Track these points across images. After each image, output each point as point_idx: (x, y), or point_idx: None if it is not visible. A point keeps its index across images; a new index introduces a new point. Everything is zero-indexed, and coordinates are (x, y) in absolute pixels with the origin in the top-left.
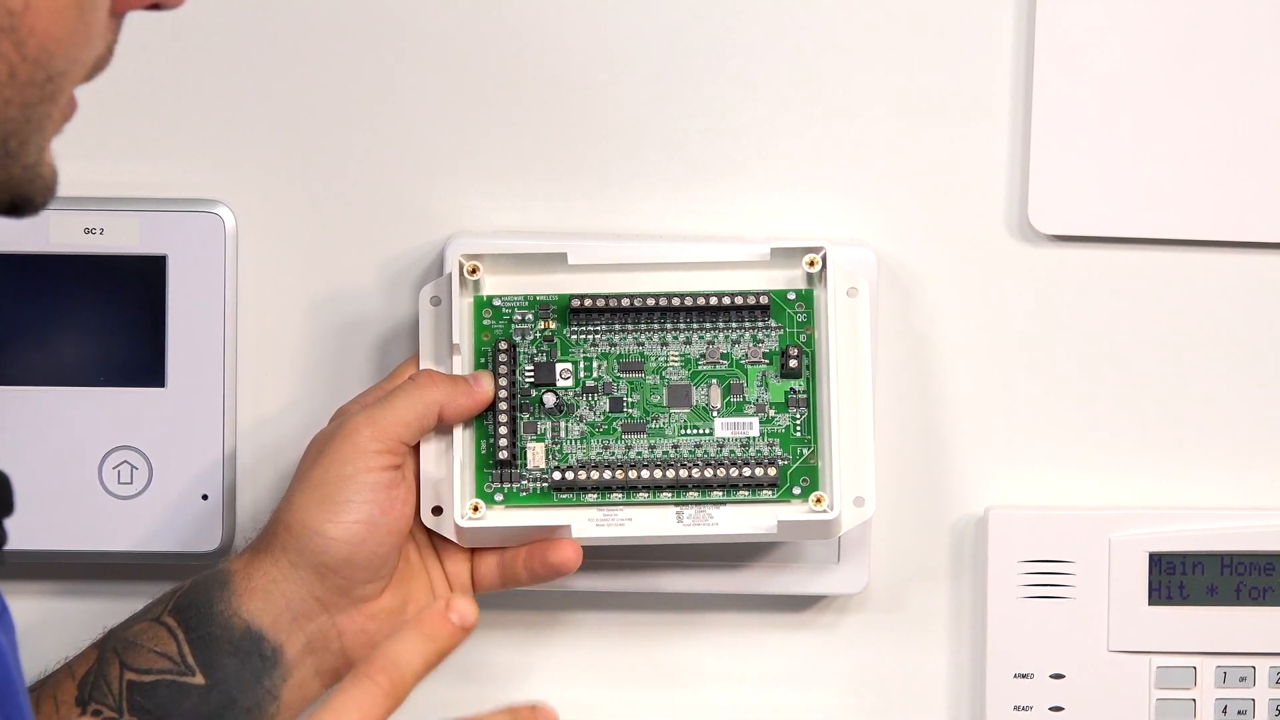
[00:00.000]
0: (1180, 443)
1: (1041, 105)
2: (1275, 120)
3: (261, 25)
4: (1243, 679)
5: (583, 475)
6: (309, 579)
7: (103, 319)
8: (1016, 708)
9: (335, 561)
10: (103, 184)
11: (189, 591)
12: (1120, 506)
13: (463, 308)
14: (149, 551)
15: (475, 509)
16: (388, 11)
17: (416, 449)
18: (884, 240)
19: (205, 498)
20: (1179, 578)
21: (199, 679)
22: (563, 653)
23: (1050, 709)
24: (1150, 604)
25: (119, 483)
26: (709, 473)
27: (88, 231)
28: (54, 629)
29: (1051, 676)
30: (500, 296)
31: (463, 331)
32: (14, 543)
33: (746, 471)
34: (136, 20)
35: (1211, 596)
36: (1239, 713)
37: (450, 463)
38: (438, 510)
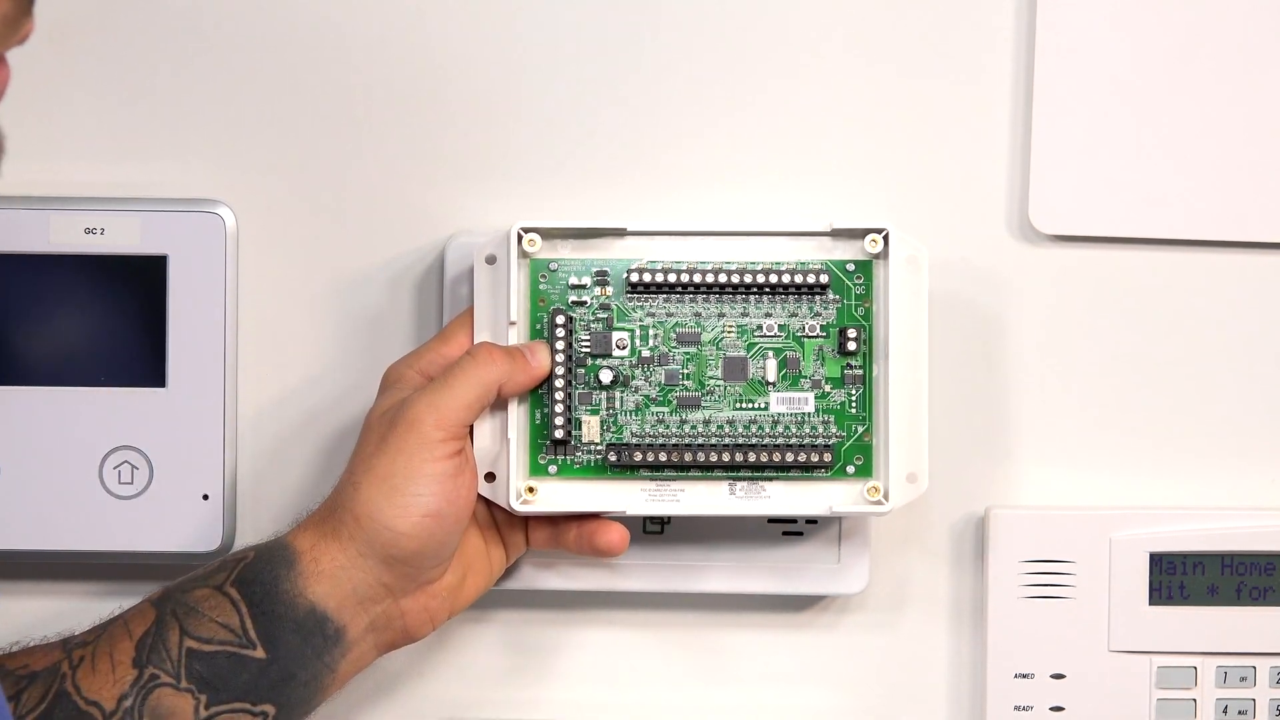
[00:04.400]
0: (1180, 443)
1: (1041, 105)
2: (1275, 120)
3: (261, 26)
4: (1243, 679)
5: (637, 456)
6: (377, 568)
7: (103, 319)
8: (1017, 708)
9: (405, 554)
10: (103, 184)
11: (253, 564)
12: (1120, 506)
13: (520, 280)
14: (149, 551)
15: (530, 490)
16: (387, 12)
17: None
18: None
19: (205, 498)
20: (1179, 578)
21: (260, 653)
22: (562, 653)
23: (1051, 709)
24: (1151, 604)
25: (119, 483)
26: (764, 456)
27: (88, 231)
28: (54, 629)
29: (1052, 676)
30: (557, 260)
31: (519, 305)
32: (14, 543)
33: (801, 457)
34: (134, 21)
35: (1212, 596)
36: (1239, 713)
37: (504, 436)
38: (491, 476)
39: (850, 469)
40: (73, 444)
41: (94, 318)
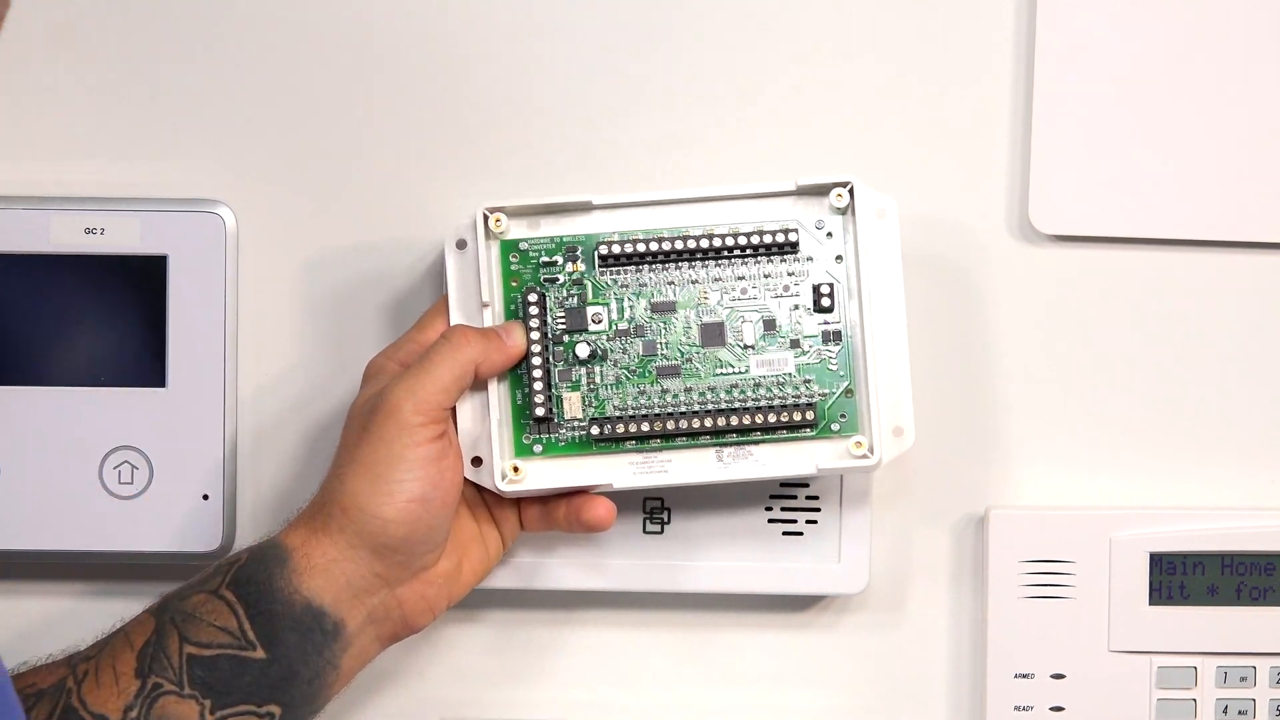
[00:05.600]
0: (1180, 443)
1: (1041, 105)
2: (1275, 120)
3: (262, 26)
4: (1243, 679)
5: (621, 429)
6: (368, 558)
7: (103, 319)
8: (1017, 708)
9: (394, 541)
10: (103, 184)
11: (246, 565)
12: (1121, 506)
13: (490, 260)
14: (149, 551)
15: (515, 470)
16: (387, 12)
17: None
18: None
19: (205, 498)
20: (1180, 578)
21: (260, 653)
22: (563, 654)
23: (1051, 709)
24: (1151, 604)
25: (119, 483)
26: (746, 419)
27: (88, 231)
28: (54, 629)
29: (1052, 676)
30: (527, 240)
31: (492, 285)
32: (14, 543)
33: (784, 417)
34: (134, 21)
35: (1212, 596)
36: (1240, 713)
37: (487, 418)
38: (477, 461)
39: (835, 426)
40: (73, 444)
41: (94, 318)
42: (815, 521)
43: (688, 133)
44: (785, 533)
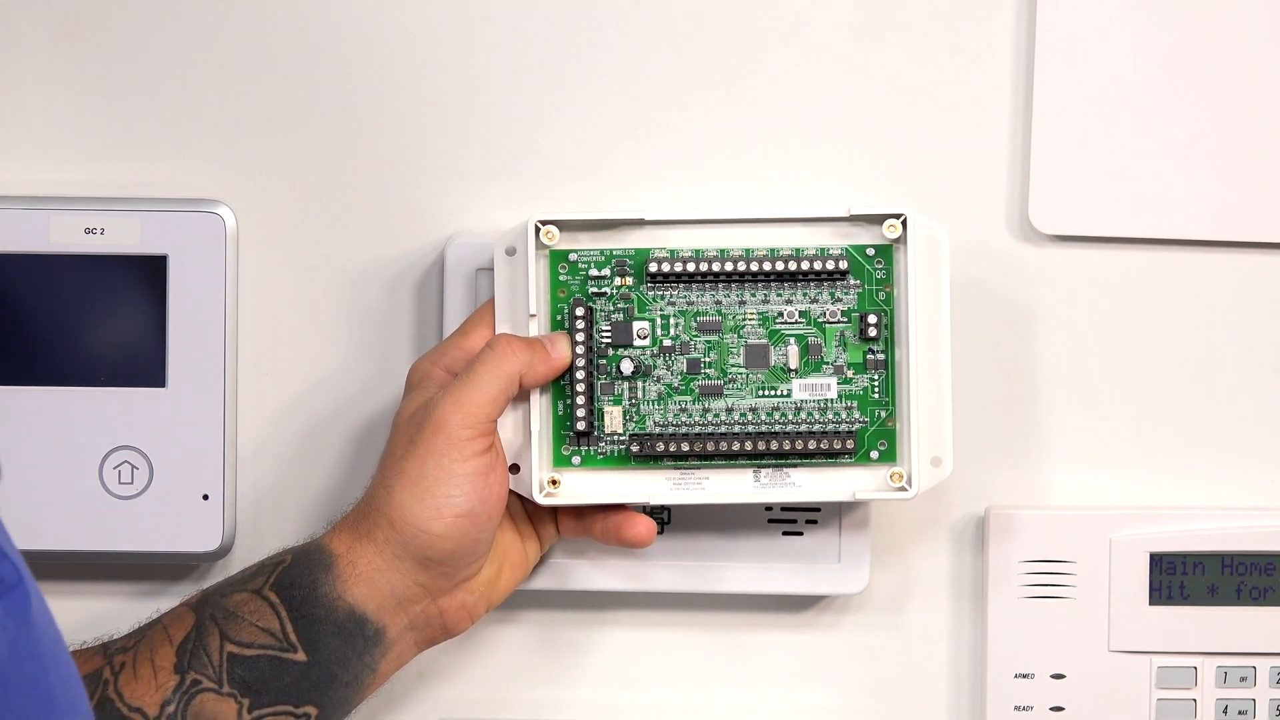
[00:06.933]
0: (1181, 443)
1: (1041, 105)
2: (1275, 120)
3: (261, 26)
4: (1243, 679)
5: (660, 446)
6: (414, 569)
7: (103, 319)
8: (1017, 708)
9: (441, 554)
10: (103, 184)
11: (291, 568)
12: (1121, 506)
13: (539, 272)
14: (149, 551)
15: (554, 483)
16: (387, 12)
17: None
18: None
19: (205, 498)
20: (1180, 578)
21: (301, 656)
22: (564, 654)
23: (1051, 709)
24: (1151, 604)
25: (119, 483)
26: (786, 444)
27: (88, 231)
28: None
29: (1052, 676)
30: (576, 250)
31: (540, 297)
32: (14, 543)
33: (824, 444)
34: (135, 21)
35: (1212, 596)
36: (1240, 713)
37: (527, 428)
38: (515, 468)
39: (874, 454)
40: (73, 444)
41: (94, 318)
42: (815, 521)
43: (682, 130)
44: (785, 533)
